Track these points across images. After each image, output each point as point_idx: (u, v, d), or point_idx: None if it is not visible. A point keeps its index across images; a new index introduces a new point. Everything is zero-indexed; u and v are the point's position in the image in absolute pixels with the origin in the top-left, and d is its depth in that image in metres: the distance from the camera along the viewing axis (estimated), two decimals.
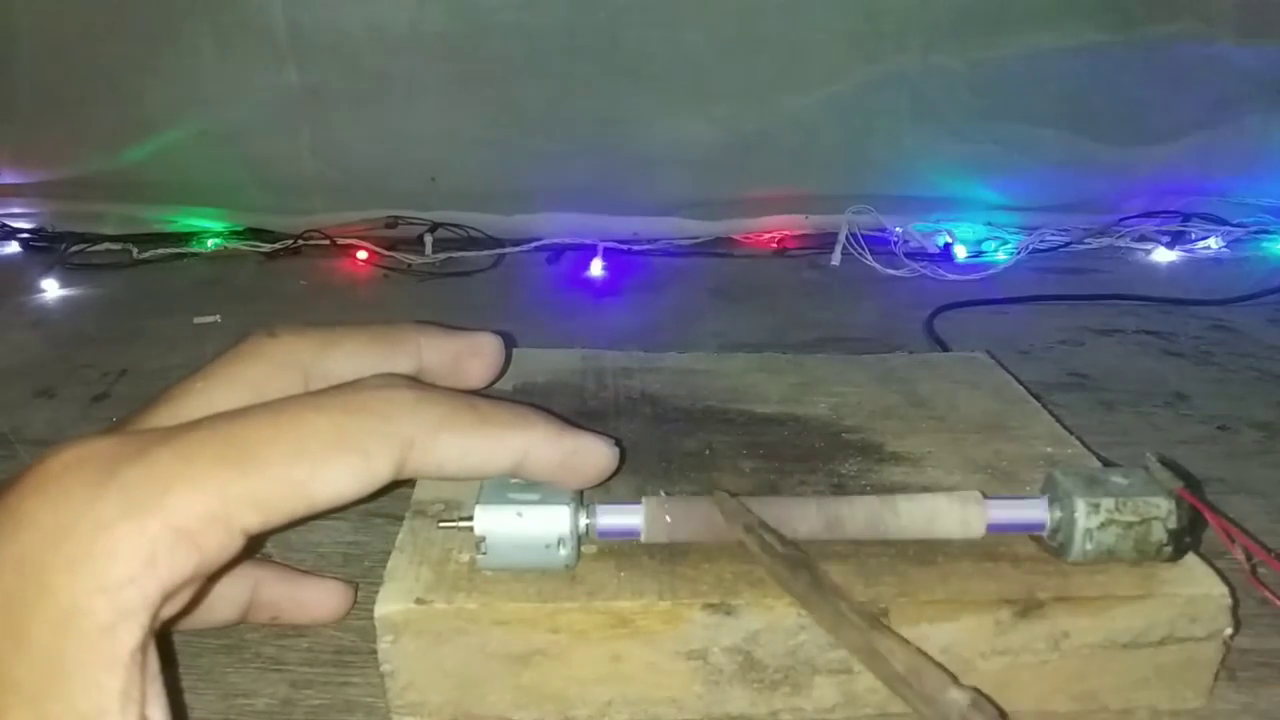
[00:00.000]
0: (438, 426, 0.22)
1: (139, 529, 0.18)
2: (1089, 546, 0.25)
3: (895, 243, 0.84)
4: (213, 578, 0.20)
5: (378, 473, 0.21)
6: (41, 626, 0.17)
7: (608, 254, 0.82)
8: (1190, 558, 0.26)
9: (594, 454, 0.25)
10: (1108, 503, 0.25)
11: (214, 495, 0.19)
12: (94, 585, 0.18)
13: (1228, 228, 0.88)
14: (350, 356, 0.27)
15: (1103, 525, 0.25)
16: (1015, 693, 0.25)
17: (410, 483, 0.28)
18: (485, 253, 0.84)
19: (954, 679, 0.21)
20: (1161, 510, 0.25)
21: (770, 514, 0.26)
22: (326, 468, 0.20)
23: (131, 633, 0.18)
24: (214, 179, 0.87)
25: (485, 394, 0.27)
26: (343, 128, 0.85)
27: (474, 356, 0.30)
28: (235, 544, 0.19)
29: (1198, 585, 0.25)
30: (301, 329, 0.27)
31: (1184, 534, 0.25)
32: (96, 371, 0.55)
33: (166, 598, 0.19)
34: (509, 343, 0.31)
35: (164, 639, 0.20)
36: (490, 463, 0.23)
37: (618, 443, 0.25)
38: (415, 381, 0.24)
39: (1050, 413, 0.36)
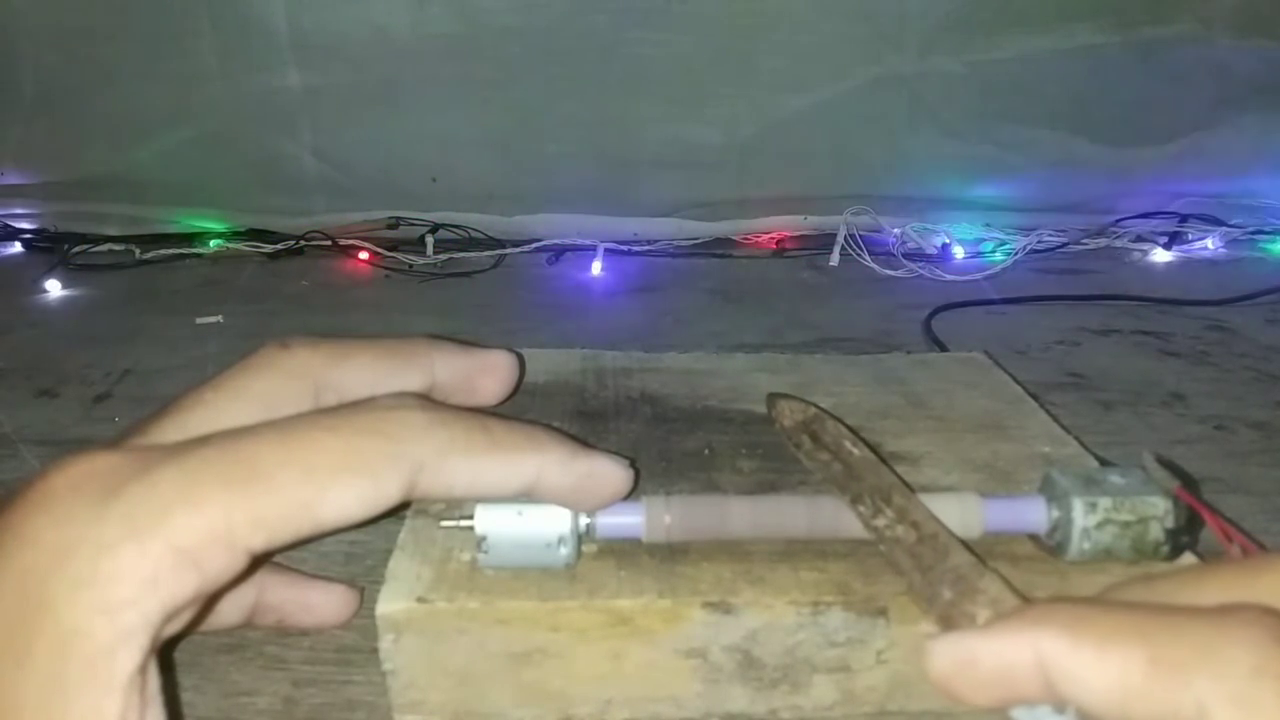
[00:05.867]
0: (448, 449, 0.22)
1: (141, 550, 0.18)
2: (1086, 546, 0.25)
3: (893, 243, 0.85)
4: (216, 594, 0.20)
5: (387, 495, 0.21)
6: (42, 647, 0.17)
7: (608, 255, 0.83)
8: (1187, 557, 0.26)
9: (608, 477, 0.24)
10: (1105, 502, 0.25)
11: (218, 516, 0.19)
12: (95, 606, 0.18)
13: (1225, 228, 0.88)
14: (362, 370, 0.27)
15: (1100, 525, 0.25)
16: None
17: None
18: (486, 253, 0.84)
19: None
20: (1159, 510, 0.25)
21: (766, 513, 0.26)
22: (335, 490, 0.20)
23: (131, 655, 0.18)
24: (216, 179, 0.87)
25: (497, 412, 0.27)
26: (344, 128, 0.85)
27: (487, 374, 0.30)
28: (239, 564, 0.19)
29: None
30: (314, 341, 0.27)
31: (1181, 533, 0.26)
32: (99, 371, 0.55)
33: (168, 618, 0.19)
34: (521, 359, 0.31)
35: (165, 645, 0.20)
36: (501, 486, 0.23)
37: (631, 463, 0.25)
38: (427, 401, 0.23)
39: (1048, 412, 0.36)
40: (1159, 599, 0.19)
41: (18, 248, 0.86)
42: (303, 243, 0.85)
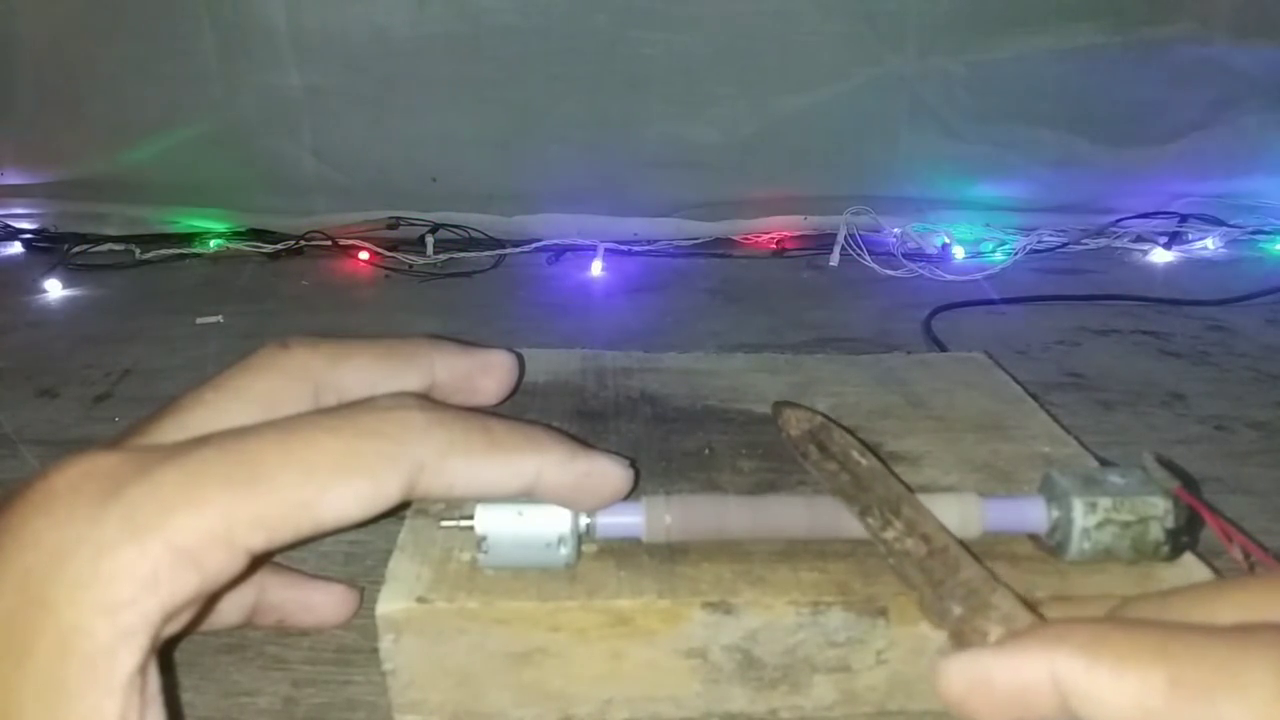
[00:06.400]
0: (448, 450, 0.22)
1: (140, 550, 0.18)
2: (1086, 546, 0.25)
3: (893, 243, 0.85)
4: (216, 594, 0.20)
5: (387, 495, 0.21)
6: (42, 647, 0.18)
7: (608, 254, 0.83)
8: (1187, 557, 0.26)
9: (608, 476, 0.24)
10: (1105, 502, 0.25)
11: (218, 516, 0.19)
12: (95, 606, 0.18)
13: (1225, 228, 0.88)
14: (362, 371, 0.27)
15: (1100, 525, 0.25)
16: None
17: None
18: (486, 253, 0.84)
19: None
20: (1159, 510, 0.25)
21: (766, 513, 0.26)
22: (335, 490, 0.20)
23: (132, 654, 0.18)
24: (216, 179, 0.87)
25: (497, 412, 0.27)
26: (344, 128, 0.85)
27: (487, 374, 0.30)
28: (239, 564, 0.19)
29: None
30: (314, 342, 0.27)
31: (1181, 533, 0.26)
32: (99, 371, 0.55)
33: (168, 618, 0.19)
34: (521, 359, 0.31)
35: (166, 645, 0.20)
36: (501, 486, 0.23)
37: (631, 462, 0.25)
38: (427, 401, 0.23)
39: (1048, 412, 0.36)
40: (1173, 617, 0.19)
41: (18, 248, 0.86)
42: (303, 243, 0.85)
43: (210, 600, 0.20)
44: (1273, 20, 0.82)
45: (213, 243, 0.86)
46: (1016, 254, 0.84)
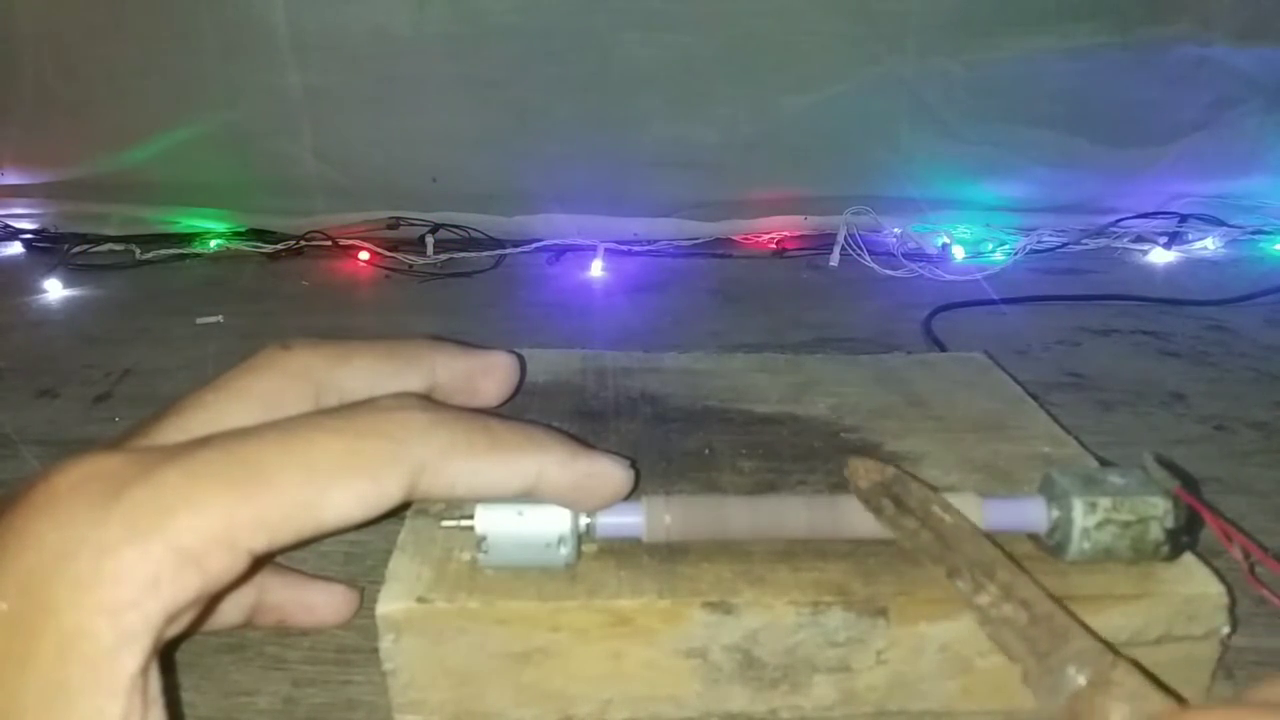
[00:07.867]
0: (449, 450, 0.22)
1: (142, 552, 0.18)
2: (1086, 546, 0.25)
3: (893, 243, 0.85)
4: (218, 595, 0.20)
5: (388, 496, 0.21)
6: (45, 649, 0.17)
7: (608, 254, 0.83)
8: (1187, 557, 0.26)
9: (608, 477, 0.24)
10: (1105, 502, 0.25)
11: (219, 517, 0.19)
12: (97, 608, 0.18)
13: (1224, 229, 0.88)
14: (363, 372, 0.27)
15: (1100, 525, 0.25)
16: (1012, 691, 0.25)
17: None
18: (486, 253, 0.84)
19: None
20: (1159, 510, 0.25)
21: (766, 513, 0.26)
22: (336, 491, 0.20)
23: (134, 656, 0.18)
24: (216, 180, 0.87)
25: (498, 413, 0.27)
26: (344, 129, 0.86)
27: (487, 375, 0.30)
28: (241, 565, 0.19)
29: (1195, 584, 0.26)
30: (315, 343, 0.27)
31: (1181, 533, 0.26)
32: (99, 371, 0.55)
33: (170, 619, 0.19)
34: (521, 360, 0.31)
35: (167, 646, 0.20)
36: (502, 486, 0.23)
37: (632, 462, 0.25)
38: (428, 402, 0.23)
39: (1048, 413, 0.36)
40: None
41: (18, 248, 0.86)
42: (303, 243, 0.85)
43: (211, 601, 0.20)
44: (1273, 21, 0.82)
45: (213, 243, 0.86)
46: (1016, 254, 0.84)
